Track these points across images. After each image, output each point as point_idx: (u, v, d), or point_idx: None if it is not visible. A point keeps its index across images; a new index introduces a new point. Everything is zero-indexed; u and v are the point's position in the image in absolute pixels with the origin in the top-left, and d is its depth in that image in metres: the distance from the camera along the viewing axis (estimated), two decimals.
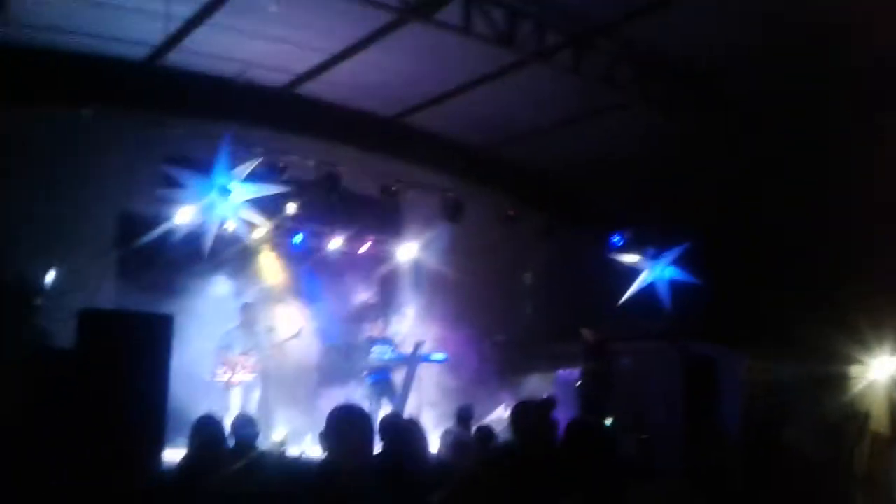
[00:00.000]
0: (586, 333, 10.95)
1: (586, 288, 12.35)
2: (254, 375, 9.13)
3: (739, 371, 12.42)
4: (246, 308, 9.48)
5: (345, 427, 3.00)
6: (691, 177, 11.21)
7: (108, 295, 8.68)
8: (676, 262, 12.06)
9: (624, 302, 12.23)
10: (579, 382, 10.71)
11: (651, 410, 9.85)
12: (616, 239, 12.26)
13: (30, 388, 5.81)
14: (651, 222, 12.10)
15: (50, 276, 7.64)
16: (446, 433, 7.38)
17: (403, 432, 5.18)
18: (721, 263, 11.69)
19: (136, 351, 6.41)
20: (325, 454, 3.04)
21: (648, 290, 12.20)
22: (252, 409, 9.02)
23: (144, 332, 6.63)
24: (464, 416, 8.07)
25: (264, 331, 9.37)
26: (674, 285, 12.10)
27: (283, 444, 7.84)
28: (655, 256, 12.13)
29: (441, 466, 5.65)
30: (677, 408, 10.21)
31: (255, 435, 6.40)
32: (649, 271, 12.18)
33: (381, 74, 9.96)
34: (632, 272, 12.28)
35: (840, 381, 11.23)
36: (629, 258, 12.24)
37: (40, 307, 6.90)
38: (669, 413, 9.76)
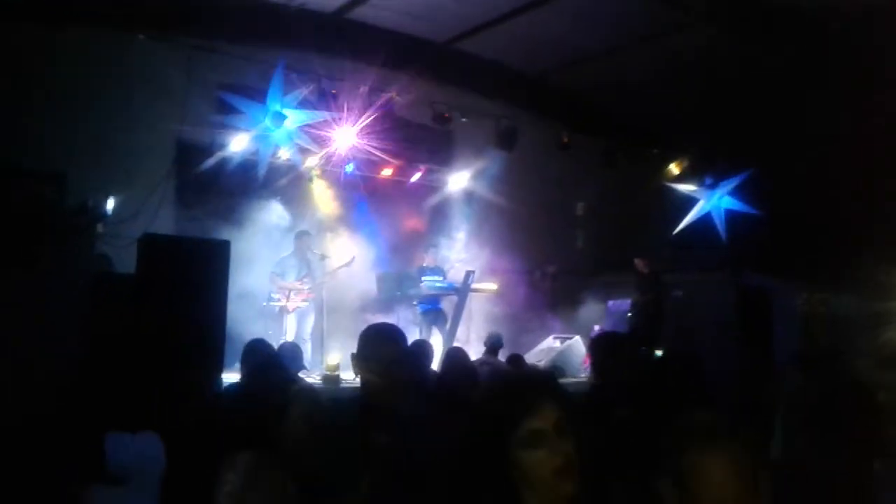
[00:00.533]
0: (639, 263, 10.85)
1: (640, 217, 12.20)
2: (307, 302, 9.29)
3: (796, 304, 12.22)
4: (300, 236, 9.58)
5: (377, 343, 2.86)
6: (751, 103, 10.85)
7: (166, 222, 8.84)
8: (734, 192, 11.80)
9: (679, 232, 12.05)
10: (630, 313, 10.68)
11: (703, 342, 9.77)
12: (672, 167, 12.01)
13: (92, 312, 6.00)
14: (709, 150, 11.81)
15: (110, 204, 7.80)
16: (481, 364, 7.40)
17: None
18: (779, 193, 11.40)
19: (194, 276, 6.55)
20: (360, 375, 2.88)
21: (705, 221, 11.99)
22: (306, 335, 9.21)
23: (203, 257, 6.77)
24: (494, 345, 8.02)
25: (317, 258, 9.48)
26: (730, 215, 11.87)
27: (335, 369, 8.00)
28: (713, 185, 11.88)
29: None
30: (730, 340, 10.13)
31: (300, 365, 6.51)
32: (706, 200, 11.95)
33: None
34: (688, 201, 12.06)
35: None
36: (685, 187, 12.00)
37: (101, 234, 7.07)
38: (722, 345, 9.69)
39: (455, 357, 5.58)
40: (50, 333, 5.75)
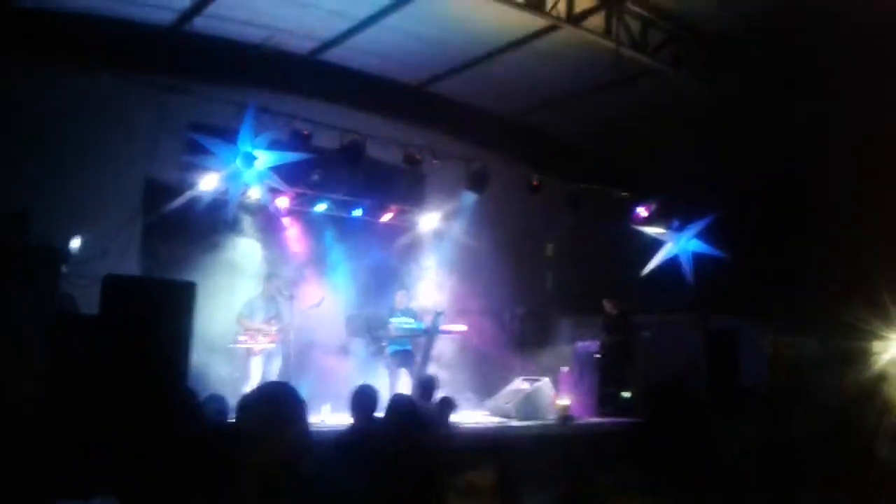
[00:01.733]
0: (608, 305, 10.93)
1: (609, 259, 12.29)
2: (274, 344, 9.20)
3: (762, 345, 12.35)
4: (268, 277, 9.52)
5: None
6: (718, 148, 11.06)
7: (132, 262, 8.74)
8: (701, 235, 11.96)
9: (647, 274, 12.16)
10: (599, 354, 10.71)
11: (673, 383, 9.82)
12: (640, 210, 12.15)
13: (54, 353, 5.89)
14: (677, 194, 11.98)
15: (75, 243, 7.70)
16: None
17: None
18: (746, 237, 11.58)
19: (159, 317, 6.48)
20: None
21: (672, 263, 12.12)
22: (272, 378, 9.08)
23: (168, 298, 6.70)
24: (426, 388, 7.92)
25: (286, 300, 9.40)
26: (697, 258, 12.01)
27: None
28: (680, 228, 12.03)
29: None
30: (699, 381, 10.20)
31: (223, 411, 6.27)
32: (673, 243, 12.09)
33: (407, 41, 9.86)
34: (655, 244, 12.20)
35: (863, 357, 11.14)
36: (653, 230, 12.14)
37: (65, 274, 6.96)
38: (690, 386, 9.74)
39: (399, 405, 5.46)
40: (9, 375, 5.62)
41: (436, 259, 11.84)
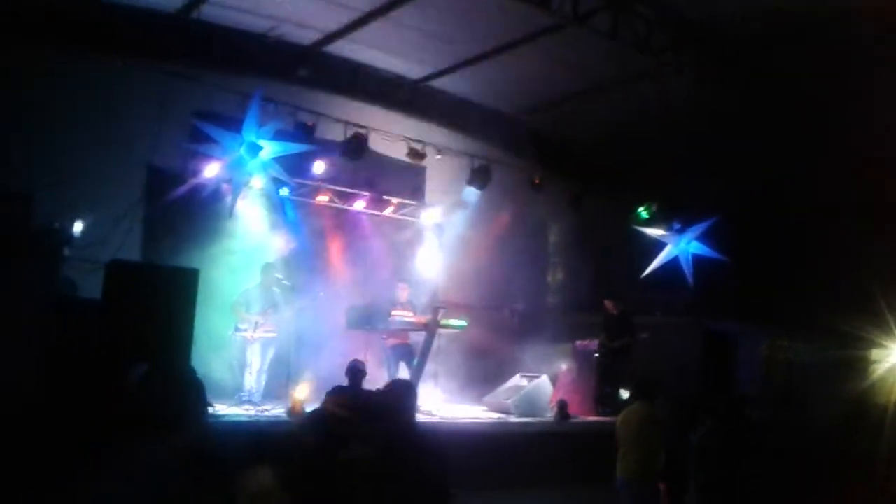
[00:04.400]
0: (609, 305, 10.93)
1: (610, 259, 12.30)
2: (272, 334, 9.15)
3: (759, 349, 12.38)
4: (265, 269, 9.40)
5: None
6: (721, 151, 11.07)
7: (133, 248, 8.68)
8: (701, 237, 11.98)
9: (647, 275, 12.17)
10: (598, 354, 10.72)
11: (669, 384, 9.84)
12: (642, 211, 12.16)
13: (55, 336, 5.88)
14: (679, 195, 11.99)
15: (77, 228, 7.66)
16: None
17: None
18: (747, 240, 11.60)
19: (161, 303, 6.50)
20: None
21: (672, 265, 12.13)
22: (265, 367, 9.00)
23: (170, 284, 6.73)
24: (354, 374, 7.13)
25: (286, 290, 9.32)
26: (697, 260, 12.03)
27: (303, 401, 7.90)
28: (681, 230, 12.04)
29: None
30: (695, 383, 10.22)
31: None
32: (674, 245, 12.10)
33: (413, 35, 9.85)
34: (656, 245, 12.21)
35: (861, 365, 11.16)
36: (654, 231, 12.15)
37: (67, 258, 6.93)
38: (687, 387, 9.76)
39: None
40: (8, 358, 5.59)
41: (437, 253, 11.82)
